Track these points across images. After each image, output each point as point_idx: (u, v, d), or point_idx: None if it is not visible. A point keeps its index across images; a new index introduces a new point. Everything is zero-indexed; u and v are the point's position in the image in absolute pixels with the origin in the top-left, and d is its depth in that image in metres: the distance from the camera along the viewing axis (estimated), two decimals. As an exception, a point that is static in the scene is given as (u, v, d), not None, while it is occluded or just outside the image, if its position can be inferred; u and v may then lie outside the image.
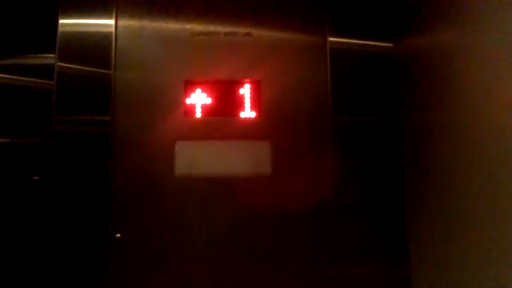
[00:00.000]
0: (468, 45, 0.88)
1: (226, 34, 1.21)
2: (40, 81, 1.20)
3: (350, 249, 1.13)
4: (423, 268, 1.08)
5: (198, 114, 1.18)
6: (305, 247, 1.14)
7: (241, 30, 1.22)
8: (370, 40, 1.22)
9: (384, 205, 1.15)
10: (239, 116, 1.19)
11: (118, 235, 1.11)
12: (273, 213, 1.15)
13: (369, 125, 1.18)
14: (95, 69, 1.17)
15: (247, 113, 1.19)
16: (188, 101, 1.18)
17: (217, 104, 1.19)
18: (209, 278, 1.12)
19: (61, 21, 1.18)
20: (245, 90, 1.20)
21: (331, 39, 1.21)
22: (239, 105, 1.19)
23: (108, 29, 1.18)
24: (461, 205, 0.90)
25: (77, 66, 1.16)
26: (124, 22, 1.20)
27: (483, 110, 0.83)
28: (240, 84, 1.20)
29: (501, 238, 0.77)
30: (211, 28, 1.22)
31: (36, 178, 1.15)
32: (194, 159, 1.16)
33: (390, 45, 1.22)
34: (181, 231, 1.13)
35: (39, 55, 1.21)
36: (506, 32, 0.75)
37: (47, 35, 1.17)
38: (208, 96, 1.19)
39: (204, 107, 1.19)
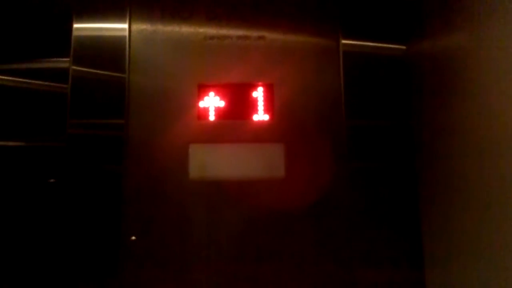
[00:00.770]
0: (480, 48, 0.88)
1: (238, 37, 1.22)
2: (55, 85, 1.21)
3: (366, 252, 1.13)
4: (438, 270, 1.07)
5: (212, 117, 1.19)
6: (320, 249, 1.14)
7: (253, 33, 1.22)
8: (383, 42, 1.22)
9: (398, 207, 1.15)
10: (252, 119, 1.19)
11: (133, 237, 1.12)
12: (287, 215, 1.15)
13: (382, 128, 1.18)
14: (109, 73, 1.17)
15: (260, 116, 1.19)
16: (202, 104, 1.19)
17: (230, 107, 1.19)
18: (223, 281, 1.12)
19: (75, 25, 1.19)
20: (258, 93, 1.20)
21: (344, 42, 1.21)
22: (252, 108, 1.20)
23: (122, 33, 1.19)
24: (476, 206, 0.90)
25: (91, 70, 1.17)
26: (137, 26, 1.20)
27: (495, 112, 0.83)
28: (253, 87, 1.20)
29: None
30: (224, 31, 1.22)
31: (52, 181, 1.15)
32: (208, 162, 1.16)
33: (403, 47, 1.22)
34: (194, 234, 1.14)
35: (53, 59, 1.22)
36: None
37: (62, 39, 1.18)
38: (221, 99, 1.19)
39: (217, 110, 1.19)
